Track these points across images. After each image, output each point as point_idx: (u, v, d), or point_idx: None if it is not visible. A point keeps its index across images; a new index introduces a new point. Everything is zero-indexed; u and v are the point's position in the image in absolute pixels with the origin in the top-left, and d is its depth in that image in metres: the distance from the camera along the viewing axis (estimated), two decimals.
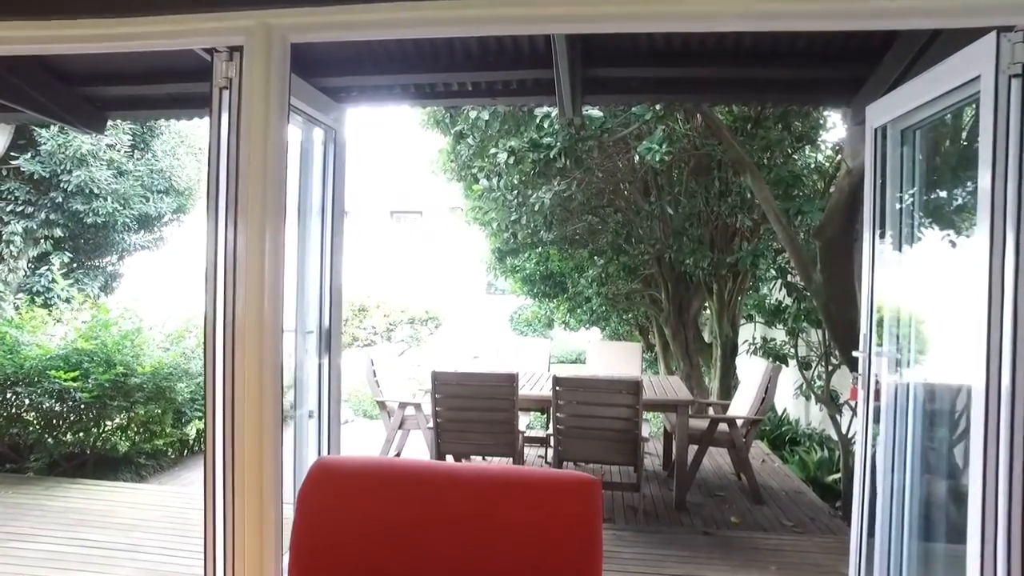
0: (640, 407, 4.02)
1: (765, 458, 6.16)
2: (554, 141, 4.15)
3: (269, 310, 2.18)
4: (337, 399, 3.13)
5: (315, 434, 3.09)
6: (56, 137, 6.56)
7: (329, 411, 3.07)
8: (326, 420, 3.07)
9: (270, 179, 2.18)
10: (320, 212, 3.06)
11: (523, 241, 8.61)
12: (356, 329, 17.98)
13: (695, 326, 8.71)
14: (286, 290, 3.04)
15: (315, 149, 3.07)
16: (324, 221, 3.06)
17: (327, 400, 3.06)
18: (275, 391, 2.21)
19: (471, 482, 1.37)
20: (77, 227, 7.15)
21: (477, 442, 4.41)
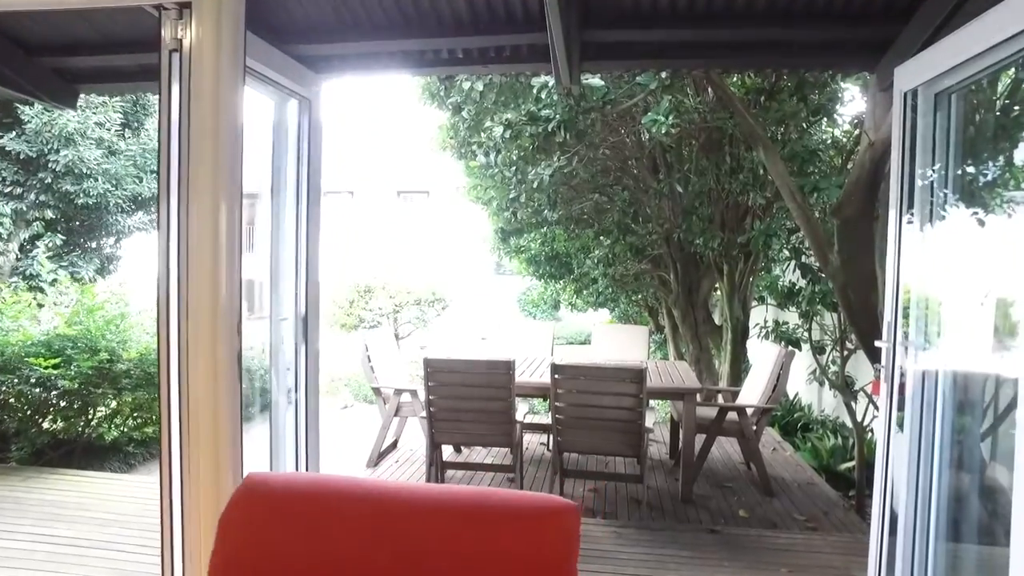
0: (644, 396, 3.80)
1: (776, 446, 5.94)
2: (553, 113, 3.88)
3: (225, 295, 1.97)
4: (315, 388, 2.93)
5: (292, 425, 2.89)
6: (41, 115, 6.36)
7: (307, 401, 2.87)
8: (304, 410, 2.86)
9: (223, 151, 1.95)
10: (295, 190, 2.83)
11: (527, 221, 8.37)
12: (362, 311, 17.83)
13: (705, 308, 8.46)
14: (259, 274, 2.83)
15: (289, 122, 2.84)
16: (299, 199, 2.83)
17: (305, 389, 2.86)
18: (231, 383, 2.00)
19: (430, 507, 1.15)
20: (69, 208, 6.97)
21: (473, 432, 4.21)
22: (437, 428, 4.20)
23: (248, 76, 2.54)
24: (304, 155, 2.82)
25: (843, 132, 6.22)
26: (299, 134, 2.82)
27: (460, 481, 4.85)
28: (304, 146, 2.82)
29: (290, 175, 2.83)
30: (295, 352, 2.85)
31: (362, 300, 17.85)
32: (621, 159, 6.56)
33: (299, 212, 2.83)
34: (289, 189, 2.83)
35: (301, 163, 2.82)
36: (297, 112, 2.83)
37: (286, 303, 2.85)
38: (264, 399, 2.96)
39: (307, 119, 2.83)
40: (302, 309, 2.84)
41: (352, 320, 17.83)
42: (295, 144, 2.82)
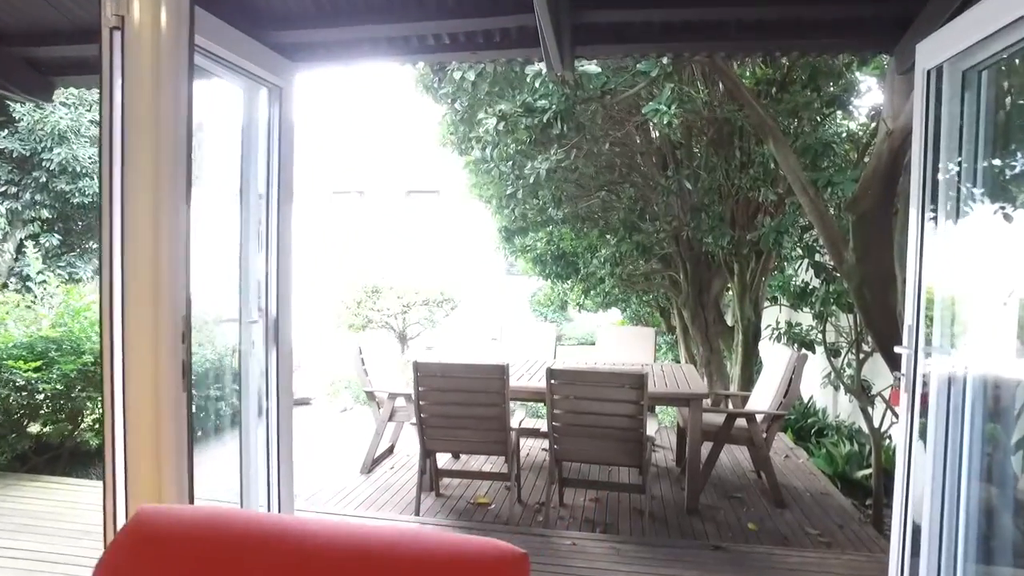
0: (644, 403, 3.58)
1: (789, 453, 5.68)
2: (549, 104, 3.67)
3: (168, 301, 1.78)
4: (287, 395, 2.75)
5: (263, 436, 2.70)
6: (32, 112, 6.25)
7: (279, 410, 2.68)
8: (275, 421, 2.68)
9: (165, 142, 1.77)
10: (265, 183, 2.65)
11: (532, 219, 8.15)
12: (370, 311, 17.69)
13: (716, 309, 8.19)
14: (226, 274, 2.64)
15: (259, 113, 2.66)
16: (269, 194, 2.65)
17: (275, 397, 2.67)
18: (175, 398, 1.81)
19: (348, 553, 0.95)
20: (66, 208, 6.87)
21: (465, 439, 4.01)
22: (428, 435, 4.00)
23: (213, 63, 2.36)
24: (275, 146, 2.63)
25: (859, 125, 5.95)
26: (269, 125, 2.64)
27: (456, 490, 4.65)
28: (275, 137, 2.63)
29: (260, 167, 2.64)
30: (265, 357, 2.66)
31: (370, 300, 17.71)
32: (627, 154, 6.33)
33: (269, 207, 2.64)
34: (259, 181, 2.65)
35: (272, 155, 2.64)
36: (267, 101, 2.65)
37: (256, 304, 2.67)
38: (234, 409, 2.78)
39: (278, 109, 2.64)
40: (272, 310, 2.65)
41: (360, 321, 17.71)
42: (265, 135, 2.64)
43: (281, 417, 2.68)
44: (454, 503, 4.42)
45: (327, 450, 5.62)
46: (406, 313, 18.31)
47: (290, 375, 2.74)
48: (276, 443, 2.69)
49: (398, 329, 18.44)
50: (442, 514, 4.22)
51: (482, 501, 4.43)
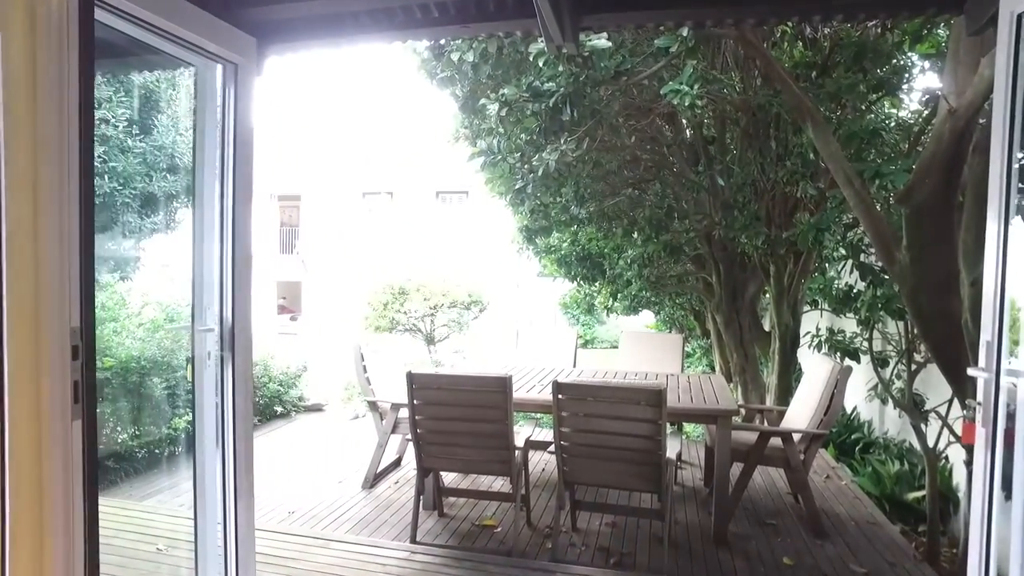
0: (663, 422, 3.17)
1: (830, 473, 5.17)
2: (556, 86, 3.29)
3: (52, 308, 1.46)
4: (246, 417, 2.42)
5: (219, 465, 2.38)
6: None
7: (235, 433, 2.36)
8: (231, 445, 2.35)
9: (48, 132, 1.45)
10: (219, 175, 2.33)
11: (556, 219, 7.76)
12: (396, 313, 17.51)
13: (752, 313, 7.67)
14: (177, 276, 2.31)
15: (215, 95, 2.34)
16: (224, 186, 2.33)
17: (231, 419, 2.35)
18: (62, 428, 1.49)
19: None
20: None
21: (465, 457, 3.65)
22: (426, 452, 3.66)
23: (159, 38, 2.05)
24: (230, 133, 2.31)
25: (911, 113, 5.40)
26: (224, 107, 2.32)
27: (461, 510, 4.30)
28: (230, 122, 2.31)
29: (214, 156, 2.33)
30: (220, 371, 2.34)
31: (396, 302, 17.52)
32: (655, 148, 5.90)
33: (224, 201, 2.32)
34: (215, 173, 2.33)
35: (227, 142, 2.32)
36: (222, 81, 2.33)
37: (212, 310, 2.35)
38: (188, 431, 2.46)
39: (233, 89, 2.32)
40: (228, 318, 2.33)
41: (385, 323, 17.53)
42: (220, 120, 2.32)
43: (238, 442, 2.35)
44: (457, 525, 4.07)
45: (331, 461, 5.33)
46: (433, 316, 18.09)
47: (249, 393, 2.42)
48: (232, 473, 2.36)
49: (425, 332, 18.24)
50: (443, 537, 3.87)
51: (488, 523, 4.07)
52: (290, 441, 5.89)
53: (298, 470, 5.08)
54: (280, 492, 4.59)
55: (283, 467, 5.15)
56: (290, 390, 6.77)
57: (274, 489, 4.65)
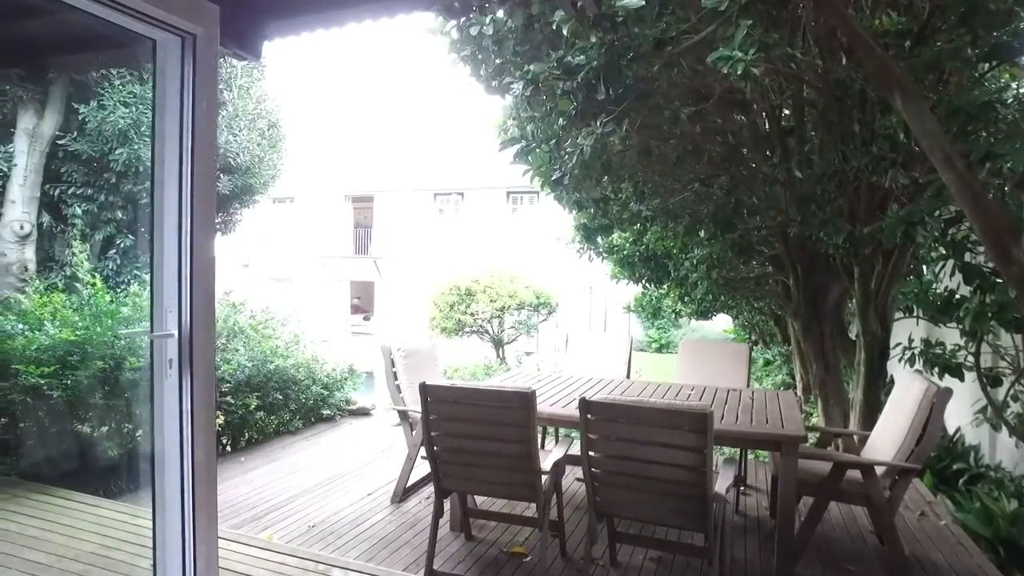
0: (709, 450, 2.67)
1: (926, 509, 4.43)
2: (587, 60, 2.84)
3: None
4: (208, 440, 2.13)
5: (177, 489, 2.10)
6: (95, 112, 6.27)
7: (194, 455, 2.07)
8: (189, 468, 2.07)
9: None
10: (177, 159, 2.06)
11: (616, 216, 7.26)
12: (461, 315, 17.38)
13: (834, 320, 6.87)
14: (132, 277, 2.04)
15: (169, 72, 2.08)
16: (182, 172, 2.05)
17: (190, 438, 2.07)
18: None
19: None
20: (136, 209, 6.91)
21: (485, 480, 3.28)
22: (443, 471, 3.30)
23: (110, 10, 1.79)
24: (187, 114, 2.04)
25: None
26: (182, 85, 2.05)
27: (491, 533, 3.92)
28: (187, 102, 2.04)
29: (171, 140, 2.06)
30: (178, 384, 2.07)
31: (462, 304, 17.37)
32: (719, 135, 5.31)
33: (182, 190, 2.05)
34: (173, 159, 2.06)
35: (185, 123, 2.04)
36: (179, 55, 2.05)
37: (171, 314, 2.09)
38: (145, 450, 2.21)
39: (191, 65, 2.05)
40: (186, 323, 2.06)
41: (452, 324, 17.41)
42: (177, 99, 2.05)
43: (197, 466, 2.07)
44: (484, 550, 3.70)
45: (365, 470, 5.09)
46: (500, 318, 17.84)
47: (211, 406, 2.14)
48: (191, 499, 2.08)
49: (493, 333, 18.04)
50: (465, 564, 3.51)
51: (517, 551, 3.68)
52: (328, 447, 5.71)
53: (329, 479, 4.87)
54: (305, 503, 4.37)
55: (315, 475, 4.95)
56: (335, 393, 6.61)
57: (300, 499, 4.44)
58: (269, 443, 5.74)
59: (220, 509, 4.21)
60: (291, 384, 5.91)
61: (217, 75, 2.11)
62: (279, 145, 8.85)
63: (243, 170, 7.66)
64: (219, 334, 5.28)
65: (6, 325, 4.30)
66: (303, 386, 6.09)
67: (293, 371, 5.88)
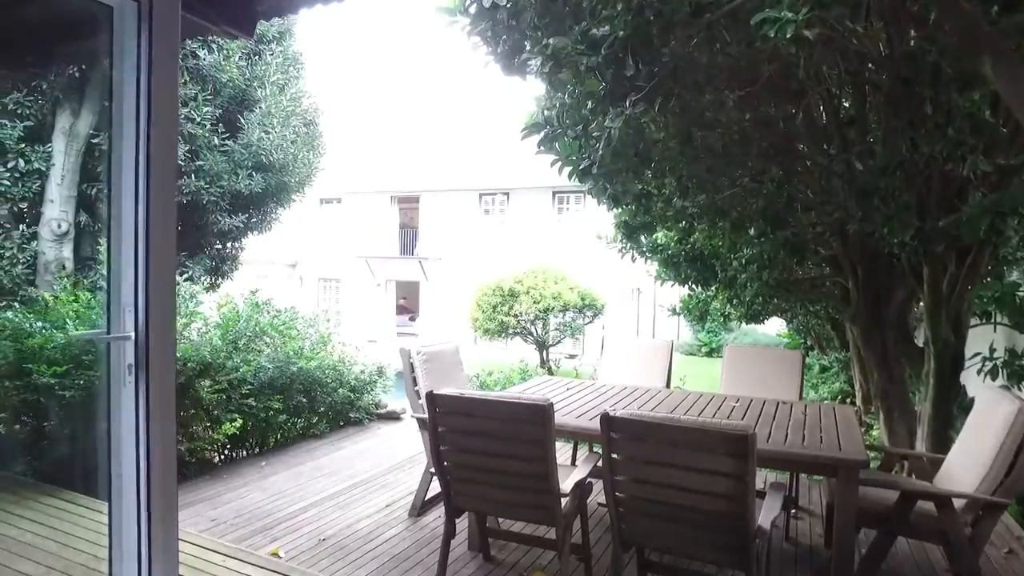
0: (751, 478, 2.29)
1: (1014, 545, 3.88)
2: (612, 30, 2.50)
3: None
4: (166, 455, 1.89)
5: (133, 509, 1.87)
6: None
7: (150, 472, 1.83)
8: (144, 487, 1.83)
9: None
10: (133, 142, 1.83)
11: (659, 213, 6.84)
12: (504, 317, 17.11)
13: (899, 325, 6.28)
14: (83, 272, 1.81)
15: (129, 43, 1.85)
16: (138, 158, 1.82)
17: (145, 452, 1.83)
18: None
19: None
20: None
21: (499, 500, 2.97)
22: (454, 489, 3.01)
23: None
24: (144, 93, 1.80)
25: None
26: (138, 60, 1.81)
27: (512, 553, 3.61)
28: (144, 79, 1.80)
29: (128, 117, 1.83)
30: (135, 392, 1.83)
31: (505, 305, 17.10)
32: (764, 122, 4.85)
33: (138, 178, 1.82)
34: (129, 140, 1.84)
35: (141, 100, 1.81)
36: (136, 24, 1.82)
37: (128, 314, 1.86)
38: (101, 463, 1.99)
39: (147, 36, 1.81)
40: (141, 324, 1.82)
41: (494, 326, 17.17)
42: (133, 76, 1.82)
43: (154, 485, 1.83)
44: (502, 573, 3.39)
45: (387, 479, 4.85)
46: (543, 319, 17.50)
47: (171, 419, 1.90)
48: (147, 522, 1.84)
49: (537, 336, 17.72)
50: None
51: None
52: (352, 453, 5.50)
53: (348, 487, 4.65)
54: (319, 513, 4.16)
55: (335, 482, 4.74)
56: (364, 396, 6.42)
57: (315, 508, 4.23)
58: (292, 447, 5.58)
59: (229, 518, 4.06)
60: (316, 387, 5.74)
61: (179, 48, 1.87)
62: (316, 144, 8.76)
63: (277, 168, 7.59)
64: (240, 335, 5.13)
65: (25, 324, 4.23)
66: (329, 389, 5.91)
67: (319, 373, 5.71)
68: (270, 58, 7.69)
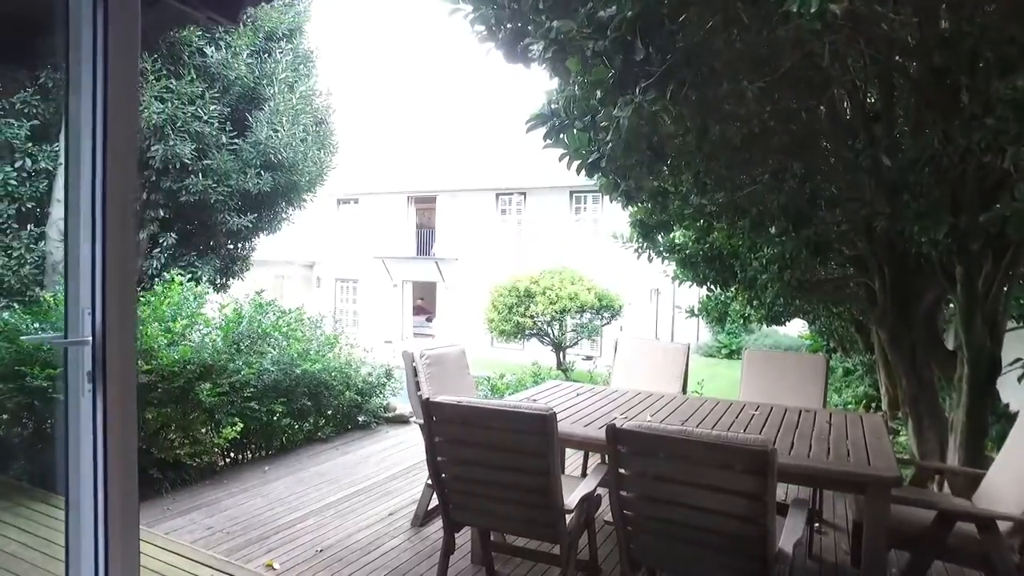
0: (771, 497, 2.08)
1: None
2: (620, 10, 2.31)
3: None
4: (126, 473, 1.74)
5: (90, 529, 1.72)
6: None
7: (106, 487, 1.68)
8: (101, 505, 1.68)
9: None
10: (91, 130, 1.68)
11: (676, 211, 6.61)
12: (520, 318, 16.94)
13: (929, 328, 5.99)
14: None
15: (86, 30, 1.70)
16: (95, 146, 1.67)
17: (102, 466, 1.68)
18: None
19: None
20: (178, 207, 6.82)
21: (499, 514, 2.79)
22: (453, 502, 2.83)
23: None
24: (100, 83, 1.65)
25: None
26: (95, 47, 1.66)
27: (518, 569, 3.43)
28: (100, 67, 1.65)
29: (85, 105, 1.68)
30: (92, 401, 1.69)
31: (521, 306, 16.92)
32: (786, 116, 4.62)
33: (95, 168, 1.67)
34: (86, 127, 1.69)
35: (97, 84, 1.66)
36: (91, 12, 1.66)
37: (86, 316, 1.71)
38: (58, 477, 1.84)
39: (103, 19, 1.66)
40: (98, 327, 1.67)
41: (510, 327, 16.98)
42: (90, 66, 1.67)
43: (111, 507, 1.67)
44: None
45: (391, 486, 4.69)
46: (560, 320, 17.30)
47: (132, 433, 1.75)
48: (104, 547, 1.69)
49: (553, 337, 17.52)
50: None
51: None
52: (358, 458, 5.35)
53: (351, 494, 4.50)
54: (319, 522, 4.01)
55: (337, 489, 4.59)
56: (372, 399, 6.28)
57: (315, 517, 4.09)
58: (297, 451, 5.45)
59: (226, 526, 3.92)
60: (322, 389, 5.60)
61: (138, 35, 1.72)
62: (327, 142, 8.65)
63: (286, 167, 7.49)
64: (242, 336, 5.01)
65: (21, 325, 4.14)
66: (336, 391, 5.77)
67: (325, 376, 5.57)
68: (280, 55, 7.60)
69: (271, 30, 7.50)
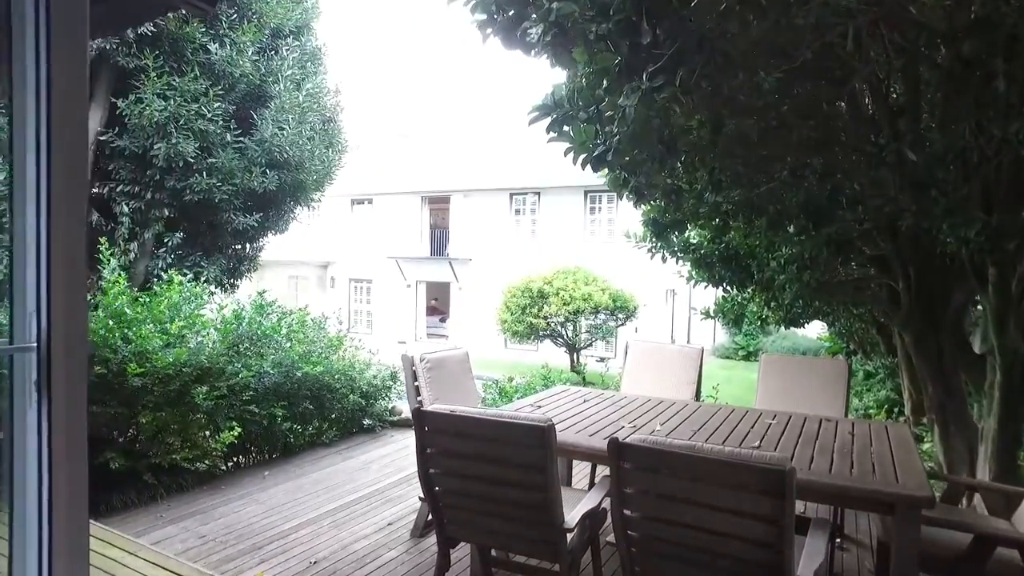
0: (789, 520, 1.89)
1: None
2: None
3: None
4: (75, 495, 1.59)
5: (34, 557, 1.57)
6: (132, 105, 6.10)
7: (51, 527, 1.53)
8: (46, 532, 1.53)
9: None
10: (35, 118, 1.54)
11: (690, 210, 6.40)
12: (533, 319, 16.75)
13: (956, 332, 5.72)
14: None
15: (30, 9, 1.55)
16: (39, 135, 1.53)
17: (47, 486, 1.53)
18: None
19: None
20: (182, 206, 6.73)
21: (496, 530, 2.61)
22: (447, 517, 2.67)
23: None
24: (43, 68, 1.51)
25: None
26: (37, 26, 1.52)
27: None
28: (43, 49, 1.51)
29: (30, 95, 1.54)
30: (36, 414, 1.54)
31: (534, 307, 16.73)
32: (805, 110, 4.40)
33: (40, 159, 1.52)
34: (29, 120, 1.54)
35: (40, 69, 1.51)
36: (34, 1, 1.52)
37: (32, 321, 1.57)
38: None
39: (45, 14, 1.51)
40: (43, 333, 1.53)
41: (523, 328, 16.79)
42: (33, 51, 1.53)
43: (56, 526, 1.53)
44: None
45: (392, 493, 4.54)
46: (574, 321, 17.08)
47: (82, 451, 1.59)
48: (48, 564, 1.54)
49: (567, 338, 17.32)
50: None
51: None
52: (360, 463, 5.21)
53: (351, 501, 4.36)
54: (316, 531, 3.87)
55: (337, 496, 4.45)
56: (377, 402, 6.13)
57: (312, 525, 3.94)
58: (298, 456, 5.32)
59: (219, 535, 3.78)
60: (325, 393, 5.47)
61: (87, 31, 1.57)
62: (335, 141, 8.53)
63: (292, 166, 7.37)
64: (241, 338, 4.89)
65: None
66: (339, 395, 5.64)
67: (327, 379, 5.44)
68: (286, 52, 7.48)
69: (278, 27, 7.39)
